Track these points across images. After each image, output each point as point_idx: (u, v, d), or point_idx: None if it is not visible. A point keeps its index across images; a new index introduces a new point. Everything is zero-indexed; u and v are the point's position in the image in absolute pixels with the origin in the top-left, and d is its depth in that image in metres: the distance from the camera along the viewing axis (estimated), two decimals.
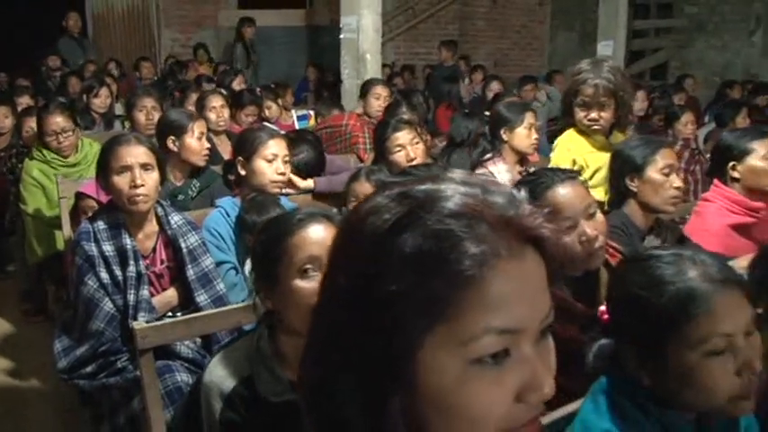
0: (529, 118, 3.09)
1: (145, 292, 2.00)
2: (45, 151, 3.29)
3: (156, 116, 3.44)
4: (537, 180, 1.66)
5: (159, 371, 1.83)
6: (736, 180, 2.39)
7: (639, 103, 5.43)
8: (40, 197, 3.27)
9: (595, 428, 1.04)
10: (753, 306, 1.01)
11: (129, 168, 2.00)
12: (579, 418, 1.09)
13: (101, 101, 4.57)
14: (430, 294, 0.56)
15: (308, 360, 0.66)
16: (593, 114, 2.41)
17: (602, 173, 2.38)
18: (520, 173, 2.94)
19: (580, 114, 2.44)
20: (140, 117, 3.63)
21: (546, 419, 1.22)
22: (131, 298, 1.98)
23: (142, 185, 2.00)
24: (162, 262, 2.13)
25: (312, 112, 4.90)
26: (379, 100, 3.92)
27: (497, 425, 0.58)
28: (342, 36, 4.99)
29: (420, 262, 0.56)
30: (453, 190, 0.60)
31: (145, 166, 2.03)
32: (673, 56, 10.66)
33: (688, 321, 0.98)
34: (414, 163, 2.64)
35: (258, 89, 4.89)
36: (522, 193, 0.63)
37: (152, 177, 2.05)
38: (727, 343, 0.98)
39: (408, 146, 2.69)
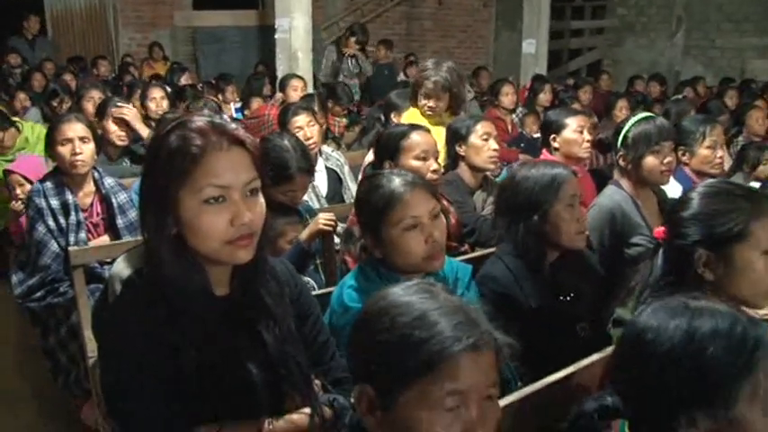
0: None
1: (82, 236, 2.61)
2: None
3: None
4: (403, 126, 2.54)
5: (91, 291, 2.43)
6: (557, 150, 3.06)
7: (546, 95, 6.15)
8: None
9: (347, 283, 1.67)
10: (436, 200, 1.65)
11: (70, 140, 2.61)
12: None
13: (61, 107, 5.07)
14: (177, 165, 1.18)
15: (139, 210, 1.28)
16: (431, 103, 3.09)
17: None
18: None
19: (422, 102, 3.12)
20: (88, 107, 4.18)
21: None
22: (71, 240, 2.58)
23: (80, 153, 2.61)
24: (97, 214, 2.74)
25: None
26: (296, 91, 4.52)
27: (220, 238, 1.19)
28: (276, 36, 5.58)
29: (172, 150, 1.18)
30: (199, 119, 1.23)
31: (83, 139, 2.63)
32: (605, 54, 11.46)
33: (391, 210, 1.59)
34: (309, 142, 3.23)
35: (200, 84, 5.46)
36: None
37: (89, 147, 2.65)
38: (416, 222, 1.59)
39: (306, 127, 3.25)
